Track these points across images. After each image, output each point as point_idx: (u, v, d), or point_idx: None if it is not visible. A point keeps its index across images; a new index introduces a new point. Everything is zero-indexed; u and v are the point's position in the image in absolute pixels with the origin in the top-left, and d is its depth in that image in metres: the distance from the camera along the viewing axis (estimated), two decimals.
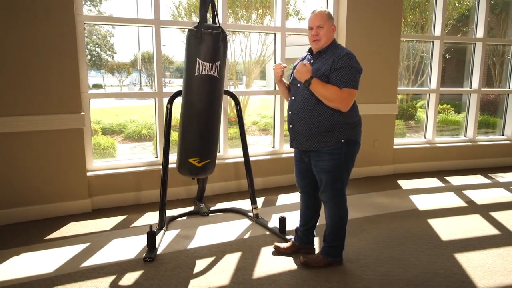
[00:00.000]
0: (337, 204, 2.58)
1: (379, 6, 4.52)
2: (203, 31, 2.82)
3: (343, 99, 2.35)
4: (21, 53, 3.22)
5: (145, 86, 18.81)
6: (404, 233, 3.24)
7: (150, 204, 3.87)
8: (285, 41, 4.38)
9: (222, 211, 3.68)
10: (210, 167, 3.13)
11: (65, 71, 3.38)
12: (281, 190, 4.35)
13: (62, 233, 3.19)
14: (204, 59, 2.83)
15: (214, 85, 2.92)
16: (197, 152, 3.03)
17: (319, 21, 2.44)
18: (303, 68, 2.42)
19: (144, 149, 6.82)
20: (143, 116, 8.68)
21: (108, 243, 3.02)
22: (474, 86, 5.35)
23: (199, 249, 2.94)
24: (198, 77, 2.87)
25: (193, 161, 3.02)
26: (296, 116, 2.54)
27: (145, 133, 7.20)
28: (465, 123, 5.54)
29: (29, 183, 3.40)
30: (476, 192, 4.34)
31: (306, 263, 2.63)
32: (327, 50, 2.48)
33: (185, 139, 3.06)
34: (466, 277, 2.57)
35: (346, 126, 2.45)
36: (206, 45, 2.82)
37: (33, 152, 3.38)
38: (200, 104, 2.93)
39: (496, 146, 5.48)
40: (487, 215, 3.65)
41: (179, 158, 3.14)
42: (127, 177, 3.83)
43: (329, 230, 2.63)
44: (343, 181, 2.55)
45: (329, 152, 2.46)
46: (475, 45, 5.31)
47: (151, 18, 3.78)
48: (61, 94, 3.40)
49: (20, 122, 3.28)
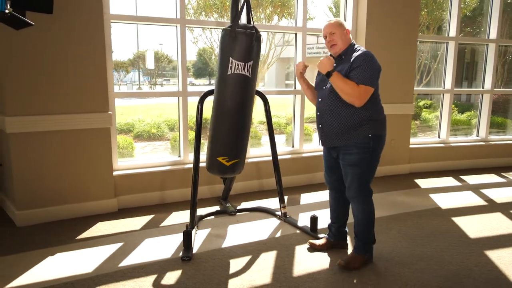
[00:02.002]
0: (364, 199, 2.64)
1: (396, 8, 4.57)
2: (237, 30, 2.83)
3: (359, 95, 2.45)
4: (53, 52, 3.21)
5: (143, 85, 18.75)
6: (432, 231, 3.29)
7: (175, 204, 3.88)
8: (306, 41, 4.41)
9: (249, 210, 3.70)
10: (239, 166, 3.14)
11: (94, 69, 3.38)
12: (303, 189, 4.38)
13: (92, 233, 3.19)
14: (237, 58, 2.85)
15: (246, 84, 2.94)
16: (226, 151, 3.04)
17: (330, 29, 2.60)
18: (326, 61, 2.52)
19: (155, 148, 6.81)
20: (149, 115, 8.65)
21: (142, 243, 3.02)
22: (487, 86, 5.43)
23: (233, 248, 2.95)
24: (230, 76, 2.88)
25: (222, 160, 3.03)
26: (324, 117, 2.65)
27: (155, 133, 7.18)
28: (477, 123, 5.62)
29: (56, 182, 3.38)
30: (494, 191, 4.41)
31: (348, 265, 2.64)
32: (347, 52, 2.60)
33: (216, 138, 3.07)
34: (501, 274, 2.62)
35: (373, 122, 2.56)
36: (239, 45, 2.83)
37: (61, 152, 3.37)
38: (231, 103, 2.94)
39: (508, 146, 5.56)
40: (508, 214, 3.72)
41: (209, 157, 3.15)
42: (152, 176, 3.83)
43: (359, 227, 2.68)
44: (368, 176, 2.63)
45: (356, 146, 2.55)
46: (487, 46, 5.39)
47: (176, 18, 3.79)
48: (90, 93, 3.39)
49: (48, 121, 3.26)
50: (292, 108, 4.62)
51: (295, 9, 4.41)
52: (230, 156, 3.04)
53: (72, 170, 3.43)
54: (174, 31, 3.85)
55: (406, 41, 4.68)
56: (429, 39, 5.13)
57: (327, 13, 14.55)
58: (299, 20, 4.38)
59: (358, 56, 2.49)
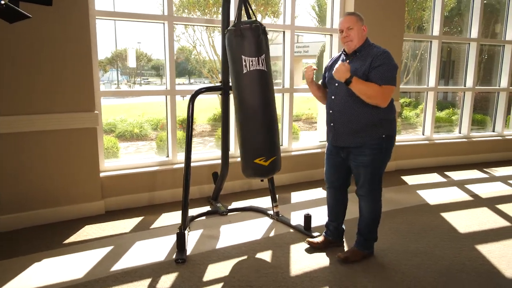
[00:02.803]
0: (374, 198, 2.65)
1: (384, 6, 4.61)
2: (242, 27, 2.78)
3: (383, 96, 2.41)
4: (37, 49, 3.08)
5: (122, 85, 18.39)
6: (422, 227, 3.32)
7: (165, 205, 3.79)
8: (294, 39, 4.40)
9: (240, 210, 3.66)
10: (278, 163, 3.01)
11: (80, 67, 3.26)
12: (292, 188, 4.37)
13: (80, 237, 3.08)
14: (249, 54, 2.78)
15: (264, 78, 2.84)
16: (261, 151, 2.91)
17: (348, 23, 2.52)
18: (342, 68, 2.43)
19: (139, 148, 6.67)
20: (130, 115, 8.48)
21: (133, 246, 2.94)
22: (469, 84, 5.55)
23: (228, 248, 2.91)
24: (247, 74, 2.80)
25: (260, 161, 2.92)
26: (337, 115, 2.60)
27: (138, 132, 7.04)
28: (459, 120, 5.74)
29: (41, 185, 3.26)
30: (478, 186, 4.51)
31: (346, 259, 2.65)
32: (362, 49, 2.54)
33: (246, 140, 2.95)
34: (492, 267, 2.67)
35: (386, 122, 2.53)
36: (248, 41, 2.77)
37: (46, 153, 3.24)
38: (255, 101, 2.84)
39: (489, 142, 5.71)
40: (494, 208, 3.80)
41: (245, 162, 3.00)
42: (140, 177, 3.74)
43: (364, 224, 2.69)
44: (380, 175, 2.62)
45: (370, 147, 2.52)
46: (469, 45, 5.51)
47: (164, 14, 3.70)
48: (75, 91, 3.28)
49: (32, 121, 3.13)
50: (281, 106, 4.59)
51: (283, 7, 4.38)
52: (266, 155, 2.92)
53: (57, 172, 3.30)
54: (153, 29, 3.81)
55: (392, 39, 4.73)
56: (413, 38, 5.22)
57: (310, 12, 14.61)
58: (287, 18, 4.36)
59: (380, 55, 2.43)
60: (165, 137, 5.39)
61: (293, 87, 4.47)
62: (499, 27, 8.61)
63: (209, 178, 3.98)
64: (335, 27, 4.68)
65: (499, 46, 5.88)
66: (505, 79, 5.77)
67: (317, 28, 5.41)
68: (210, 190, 4.00)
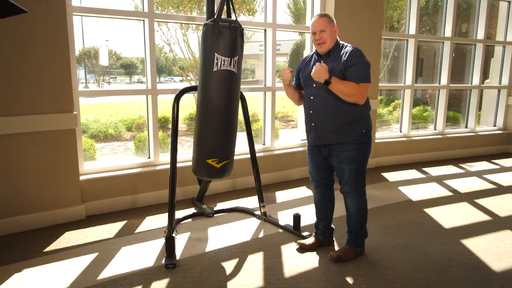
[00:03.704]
0: (359, 193, 2.67)
1: (363, 5, 4.65)
2: (220, 24, 2.71)
3: (361, 93, 2.47)
4: (11, 47, 2.90)
5: (89, 84, 17.81)
6: (408, 223, 3.38)
7: (148, 207, 3.68)
8: (276, 37, 4.36)
9: (226, 211, 3.59)
10: (229, 168, 3.02)
11: (57, 66, 3.10)
12: (277, 187, 4.34)
13: (61, 244, 2.93)
14: (223, 53, 2.73)
15: (233, 80, 2.82)
16: (216, 152, 2.89)
17: (321, 26, 2.54)
18: (321, 69, 2.44)
19: (114, 149, 6.45)
20: (102, 115, 8.21)
21: (118, 252, 2.82)
22: (443, 82, 5.70)
23: (218, 251, 2.84)
24: (216, 72, 2.75)
25: (212, 162, 2.89)
26: (318, 115, 2.61)
27: (112, 133, 6.81)
28: (434, 117, 5.89)
29: (17, 190, 3.07)
30: (455, 181, 4.64)
31: (339, 258, 2.65)
32: (335, 49, 2.59)
33: (203, 139, 2.91)
34: (479, 262, 2.73)
35: (364, 118, 2.59)
36: (224, 39, 2.71)
37: (22, 156, 3.06)
38: (218, 101, 2.81)
39: (462, 138, 5.90)
40: (473, 202, 3.92)
41: (196, 160, 2.98)
42: (121, 180, 3.60)
43: (354, 221, 2.69)
44: (363, 170, 2.65)
45: (352, 142, 2.56)
46: (443, 43, 5.66)
47: (144, 11, 3.58)
48: (53, 91, 3.11)
49: (6, 123, 2.95)
50: (263, 105, 4.55)
51: (264, 4, 4.34)
52: (220, 157, 2.89)
53: (35, 175, 3.13)
54: (123, 27, 3.65)
55: (371, 38, 4.78)
56: (391, 37, 5.33)
57: (285, 10, 14.63)
58: (269, 16, 4.32)
59: (352, 53, 2.48)
60: (144, 138, 5.26)
61: (274, 86, 4.44)
62: (466, 27, 8.93)
63: (192, 179, 3.89)
64: None
65: (470, 45, 6.07)
66: (476, 77, 5.97)
67: (298, 26, 5.41)
68: (194, 192, 3.91)
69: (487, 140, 6.09)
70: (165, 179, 3.80)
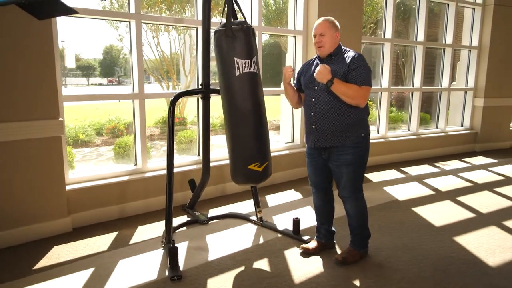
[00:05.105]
0: (356, 197, 2.70)
1: (344, 9, 4.72)
2: (233, 28, 2.65)
3: (363, 96, 2.50)
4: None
5: None
6: (400, 223, 3.46)
7: (138, 217, 3.52)
8: (261, 41, 4.34)
9: (221, 218, 3.51)
10: (270, 168, 2.93)
11: (42, 68, 2.90)
12: (266, 191, 4.30)
13: (51, 260, 2.73)
14: (242, 56, 2.66)
15: (256, 81, 2.76)
16: (256, 156, 2.80)
17: (321, 30, 2.59)
18: (324, 70, 2.48)
19: (86, 156, 6.15)
20: (68, 120, 7.80)
21: (116, 266, 2.67)
22: (417, 84, 5.92)
23: (221, 260, 2.76)
24: (239, 77, 2.68)
25: (254, 166, 2.79)
26: (319, 117, 2.62)
27: (83, 138, 6.49)
28: (408, 119, 6.11)
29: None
30: (435, 180, 4.82)
31: (345, 260, 2.66)
32: (337, 53, 2.61)
33: (239, 145, 2.81)
34: (475, 258, 2.84)
35: (363, 121, 2.62)
36: (240, 42, 2.66)
37: (4, 167, 2.83)
38: (247, 105, 2.72)
39: (434, 138, 6.15)
40: (455, 200, 4.08)
41: (236, 168, 2.86)
42: (109, 188, 3.43)
43: (355, 223, 2.73)
44: (361, 173, 2.69)
45: (352, 145, 2.58)
46: (416, 47, 5.87)
47: (131, 12, 3.43)
48: (37, 97, 2.90)
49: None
50: None
51: (250, 7, 4.30)
52: (260, 160, 2.81)
53: (17, 187, 2.91)
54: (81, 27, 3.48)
55: (352, 42, 4.86)
56: (369, 41, 5.49)
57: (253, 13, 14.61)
58: (255, 19, 4.28)
59: (355, 58, 2.52)
60: (124, 144, 5.06)
61: None
62: (431, 32, 9.33)
63: (181, 185, 3.78)
64: (298, 29, 4.71)
65: (440, 49, 6.35)
66: (446, 79, 6.25)
67: (282, 29, 5.43)
68: (184, 198, 3.80)
69: (457, 140, 6.39)
70: (155, 186, 3.66)
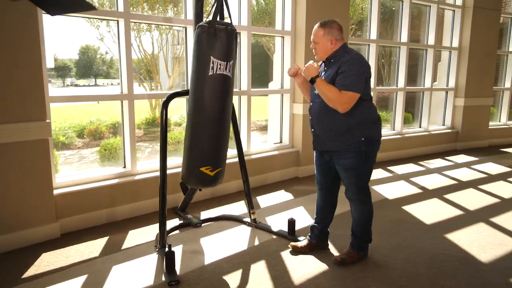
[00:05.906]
0: (361, 199, 2.68)
1: (332, 11, 4.75)
2: (217, 27, 2.61)
3: (340, 101, 2.45)
4: None
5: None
6: (392, 222, 3.49)
7: (128, 221, 3.44)
8: (250, 41, 4.31)
9: (214, 220, 3.46)
10: (221, 175, 2.91)
11: (28, 67, 2.78)
12: (257, 192, 4.27)
13: (41, 268, 2.63)
14: (219, 57, 2.62)
15: (228, 85, 2.72)
16: (210, 160, 2.77)
17: (315, 38, 2.62)
18: (311, 67, 2.52)
19: (67, 159, 5.97)
20: None
21: (110, 272, 2.59)
22: (400, 85, 6.02)
23: (218, 263, 2.72)
24: (212, 77, 2.64)
25: (206, 170, 2.76)
26: (315, 120, 2.64)
27: (63, 141, 6.30)
28: (393, 118, 6.20)
29: None
30: (421, 179, 4.90)
31: (343, 261, 2.66)
32: (335, 56, 2.58)
33: (196, 146, 2.77)
34: (467, 254, 2.89)
35: (363, 125, 2.55)
36: (221, 43, 2.61)
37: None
38: (213, 107, 2.69)
39: (418, 137, 6.27)
40: (443, 198, 4.16)
41: (189, 168, 2.83)
42: (97, 192, 3.33)
43: (357, 226, 2.72)
44: (364, 177, 2.66)
45: (350, 150, 2.55)
46: (400, 48, 5.97)
47: (120, 11, 3.34)
48: (23, 97, 2.79)
49: None
50: (238, 109, 4.47)
51: (238, 7, 4.26)
52: (213, 165, 2.77)
53: (4, 191, 2.78)
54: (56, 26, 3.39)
55: None
56: (355, 41, 5.54)
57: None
58: (243, 19, 4.25)
59: (346, 62, 2.47)
60: (110, 146, 4.94)
61: (250, 90, 4.38)
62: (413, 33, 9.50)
63: (172, 187, 3.71)
64: (286, 29, 4.71)
65: (422, 50, 6.48)
66: (428, 79, 6.37)
67: (271, 30, 5.40)
68: (174, 201, 3.73)
69: (439, 139, 6.53)
70: (145, 189, 3.58)
